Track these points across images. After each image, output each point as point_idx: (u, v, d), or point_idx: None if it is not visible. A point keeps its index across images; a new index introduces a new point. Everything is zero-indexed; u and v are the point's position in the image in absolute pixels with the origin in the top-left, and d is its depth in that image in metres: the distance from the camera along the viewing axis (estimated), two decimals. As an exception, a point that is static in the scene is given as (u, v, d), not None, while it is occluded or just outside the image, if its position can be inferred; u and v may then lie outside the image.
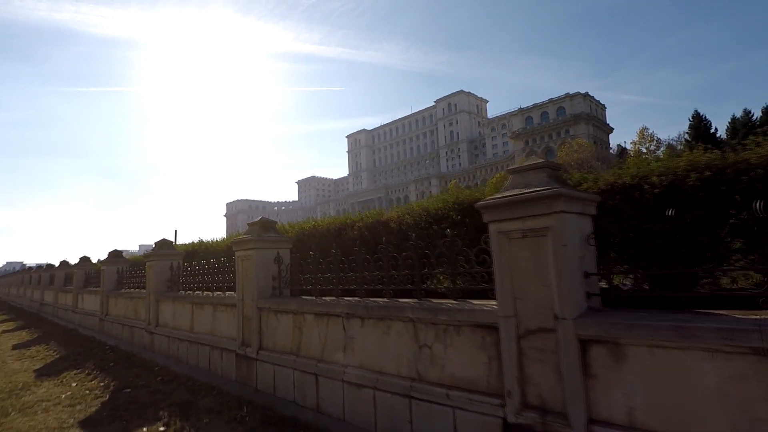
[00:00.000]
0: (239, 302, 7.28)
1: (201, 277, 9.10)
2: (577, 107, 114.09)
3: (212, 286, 8.71)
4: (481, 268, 4.12)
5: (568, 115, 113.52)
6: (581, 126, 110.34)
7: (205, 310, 8.52)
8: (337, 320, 5.46)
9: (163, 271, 10.55)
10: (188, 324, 9.09)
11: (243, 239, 7.10)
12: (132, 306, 12.14)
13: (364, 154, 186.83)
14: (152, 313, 10.54)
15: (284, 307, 6.34)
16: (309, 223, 9.55)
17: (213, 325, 8.24)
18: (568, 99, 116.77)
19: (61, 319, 18.78)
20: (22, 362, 10.01)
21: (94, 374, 8.56)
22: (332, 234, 8.91)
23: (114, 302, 13.57)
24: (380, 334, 4.88)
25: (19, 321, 19.73)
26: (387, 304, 4.79)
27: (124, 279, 13.55)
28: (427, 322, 4.38)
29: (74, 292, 17.65)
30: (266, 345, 6.72)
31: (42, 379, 8.42)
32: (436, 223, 6.97)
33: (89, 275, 17.16)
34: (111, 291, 13.90)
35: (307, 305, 5.92)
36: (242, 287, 7.26)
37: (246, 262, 7.18)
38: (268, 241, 7.11)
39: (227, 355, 7.58)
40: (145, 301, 11.09)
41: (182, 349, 9.10)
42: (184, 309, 9.31)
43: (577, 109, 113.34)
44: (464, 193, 7.17)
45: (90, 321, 15.36)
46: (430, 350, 4.35)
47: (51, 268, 23.24)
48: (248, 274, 7.11)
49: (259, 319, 6.87)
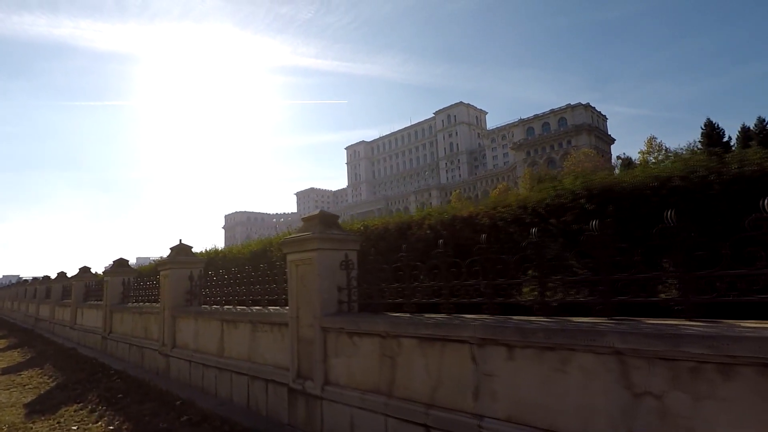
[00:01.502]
0: (293, 320, 5.62)
1: (232, 288, 7.45)
2: (579, 118, 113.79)
3: (247, 299, 7.06)
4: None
5: (570, 126, 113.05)
6: (583, 137, 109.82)
7: (241, 329, 6.84)
8: (460, 348, 3.82)
9: (180, 281, 8.87)
10: (216, 346, 7.39)
11: (300, 238, 5.47)
12: (141, 323, 10.42)
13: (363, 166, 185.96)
14: (167, 332, 8.83)
15: (366, 327, 4.69)
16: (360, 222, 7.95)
17: (252, 348, 6.56)
18: (569, 110, 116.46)
19: (58, 337, 16.94)
20: (11, 393, 8.25)
21: (100, 411, 6.85)
22: (392, 234, 7.33)
23: (119, 318, 11.83)
24: (548, 372, 3.24)
25: (12, 338, 17.88)
26: (565, 327, 3.16)
27: (130, 291, 11.84)
28: (650, 355, 2.76)
29: (73, 306, 15.86)
30: (335, 379, 5.05)
31: (34, 417, 6.69)
32: (551, 215, 5.38)
33: (90, 287, 15.41)
34: (116, 305, 12.16)
35: (405, 326, 4.28)
36: (297, 300, 5.61)
37: (303, 268, 5.54)
38: (334, 240, 5.48)
39: (275, 390, 5.89)
40: (158, 317, 9.38)
41: (209, 377, 7.39)
42: (211, 327, 7.62)
43: (579, 120, 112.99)
44: (599, 175, 5.62)
45: (91, 339, 13.58)
46: (659, 402, 2.72)
47: (47, 281, 21.42)
48: (307, 283, 5.47)
49: (323, 343, 5.21)
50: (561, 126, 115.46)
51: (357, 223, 8.82)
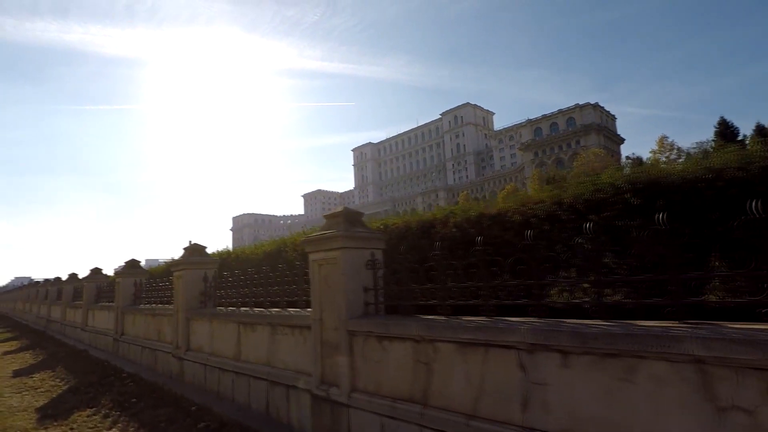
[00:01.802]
0: (316, 323, 5.34)
1: (248, 289, 7.19)
2: (588, 118, 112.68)
3: (265, 300, 6.79)
4: None
5: (579, 126, 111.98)
6: (592, 137, 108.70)
7: (259, 332, 6.57)
8: (506, 354, 3.51)
9: (194, 282, 8.63)
10: (233, 350, 7.13)
11: (324, 236, 5.19)
12: (154, 325, 10.19)
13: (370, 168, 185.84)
14: (181, 334, 8.59)
15: (398, 331, 4.38)
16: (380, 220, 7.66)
17: (271, 352, 6.28)
18: (578, 109, 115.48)
19: (70, 338, 16.82)
20: (23, 396, 8.06)
21: (113, 416, 6.61)
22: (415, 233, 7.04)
23: (131, 320, 11.63)
24: (611, 382, 2.93)
25: (24, 340, 17.81)
26: (632, 331, 2.84)
27: (142, 293, 11.64)
28: (739, 365, 2.43)
29: (84, 307, 15.72)
30: (363, 385, 4.76)
31: (46, 423, 6.47)
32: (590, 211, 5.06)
33: (101, 289, 15.26)
34: (127, 307, 11.97)
35: (442, 329, 3.98)
36: (320, 302, 5.32)
37: (327, 268, 5.26)
38: (360, 239, 5.20)
39: (297, 396, 5.60)
40: (171, 319, 9.15)
41: (225, 382, 7.13)
42: (227, 330, 7.36)
43: (588, 120, 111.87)
44: (657, 168, 5.30)
45: (102, 341, 13.41)
46: (751, 419, 2.39)
47: (59, 282, 21.35)
48: (331, 283, 5.18)
49: (349, 347, 4.92)
50: (569, 126, 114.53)
51: (375, 222, 8.54)
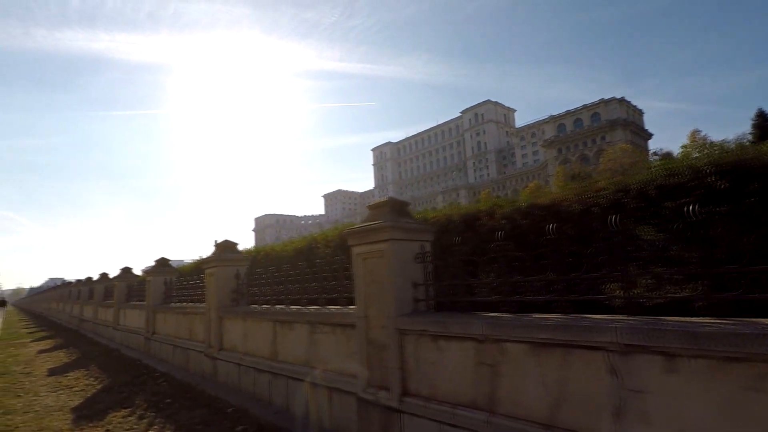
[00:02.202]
0: (361, 321, 4.98)
1: (284, 286, 6.89)
2: (613, 113, 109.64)
3: (302, 298, 6.48)
4: None
5: (604, 121, 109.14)
6: (618, 132, 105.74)
7: (297, 330, 6.26)
8: (591, 357, 3.07)
9: (226, 280, 8.40)
10: (268, 349, 6.84)
11: (369, 227, 4.82)
12: (186, 323, 10.04)
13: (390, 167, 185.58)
14: (214, 333, 8.37)
15: (457, 329, 3.98)
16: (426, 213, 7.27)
17: (311, 352, 5.96)
18: (603, 104, 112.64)
19: (102, 337, 16.98)
20: (58, 395, 7.96)
21: (149, 418, 6.39)
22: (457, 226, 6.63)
23: (162, 318, 11.54)
24: (734, 391, 2.46)
25: (58, 338, 18.08)
26: (763, 331, 2.38)
27: (173, 291, 11.53)
28: None
29: (115, 306, 15.81)
30: (416, 389, 4.37)
31: (82, 424, 6.29)
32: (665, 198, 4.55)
33: (132, 288, 15.30)
34: (158, 305, 11.89)
35: (511, 328, 3.55)
36: (365, 299, 4.96)
37: (373, 262, 4.90)
38: (408, 230, 4.82)
39: (341, 399, 5.26)
40: (203, 317, 8.95)
41: (261, 383, 6.84)
42: (261, 328, 7.08)
43: (613, 115, 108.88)
44: (749, 148, 4.78)
45: (134, 340, 13.40)
46: None
47: (90, 282, 21.67)
48: (377, 278, 4.81)
49: (400, 347, 4.54)
50: (594, 122, 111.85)
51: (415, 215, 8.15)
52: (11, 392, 8.23)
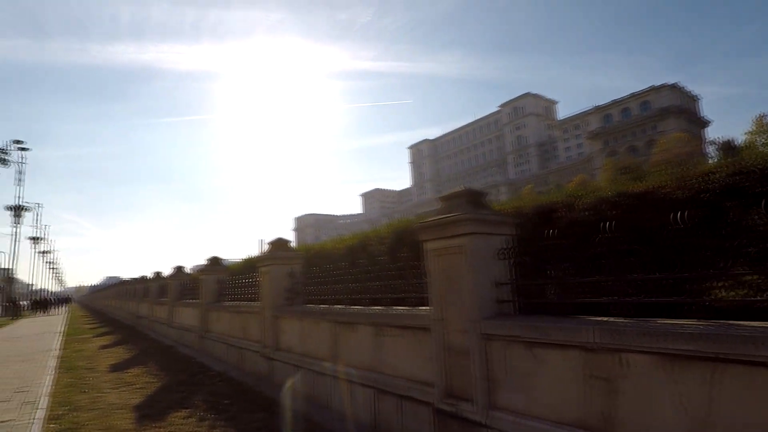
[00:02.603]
0: (437, 324, 4.52)
1: (343, 285, 6.54)
2: (665, 100, 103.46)
3: (363, 297, 6.10)
4: None
5: (655, 110, 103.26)
6: (671, 120, 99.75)
7: (360, 332, 5.88)
8: (752, 375, 2.47)
9: (280, 278, 8.17)
10: (328, 351, 6.51)
11: (445, 220, 4.35)
12: (239, 322, 9.94)
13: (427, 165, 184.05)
14: (269, 333, 8.16)
15: (559, 336, 3.44)
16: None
17: (376, 356, 5.56)
18: (653, 92, 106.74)
19: (157, 334, 17.44)
20: (120, 393, 7.99)
21: (209, 420, 6.20)
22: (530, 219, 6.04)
23: (216, 317, 11.55)
24: None
25: (117, 335, 18.76)
26: None
27: (225, 290, 11.51)
28: None
29: (169, 304, 16.16)
30: (506, 402, 3.87)
31: (144, 423, 6.19)
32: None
33: (184, 286, 15.56)
34: (211, 304, 11.92)
35: (633, 335, 2.98)
36: (441, 299, 4.50)
37: (449, 259, 4.42)
38: (489, 223, 4.32)
39: (413, 409, 4.83)
40: (257, 316, 8.79)
41: (321, 387, 6.53)
42: (320, 329, 6.77)
43: (665, 102, 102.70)
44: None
45: (188, 337, 13.57)
46: None
47: (145, 280, 22.42)
48: (455, 277, 4.33)
49: (485, 354, 4.05)
50: (644, 110, 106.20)
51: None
52: (77, 388, 8.36)
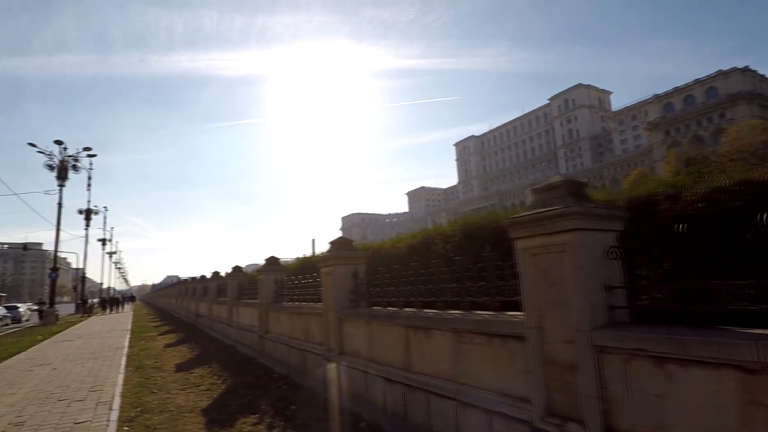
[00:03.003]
0: (533, 332, 3.99)
1: (414, 286, 6.12)
2: (735, 85, 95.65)
3: (437, 301, 5.64)
4: None
5: (723, 96, 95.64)
6: (741, 107, 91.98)
7: (437, 339, 5.43)
8: None
9: (344, 279, 7.88)
10: (400, 358, 6.11)
11: (544, 215, 3.81)
12: (300, 324, 9.78)
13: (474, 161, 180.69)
14: (333, 336, 7.89)
15: (704, 351, 2.83)
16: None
17: (457, 365, 5.09)
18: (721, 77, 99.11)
19: (217, 333, 17.84)
20: (187, 394, 8.00)
21: (279, 428, 5.98)
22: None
23: (275, 317, 11.50)
24: None
25: (179, 333, 19.40)
26: None
27: (284, 290, 11.44)
28: None
29: (228, 304, 16.44)
30: (625, 426, 3.28)
31: (214, 430, 6.05)
32: None
33: (243, 286, 15.77)
34: (270, 304, 11.90)
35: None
36: (538, 304, 3.96)
37: (547, 259, 3.88)
38: (597, 217, 3.74)
39: (506, 426, 4.31)
40: (320, 318, 8.55)
41: (393, 395, 6.14)
42: (390, 334, 6.38)
43: (735, 88, 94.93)
44: None
45: (248, 338, 13.67)
46: None
47: (204, 280, 23.13)
48: (555, 279, 3.78)
49: (597, 368, 3.48)
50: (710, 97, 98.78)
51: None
52: (146, 388, 8.48)
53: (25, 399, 7.82)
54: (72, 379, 9.52)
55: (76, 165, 32.44)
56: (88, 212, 41.99)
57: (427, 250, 8.97)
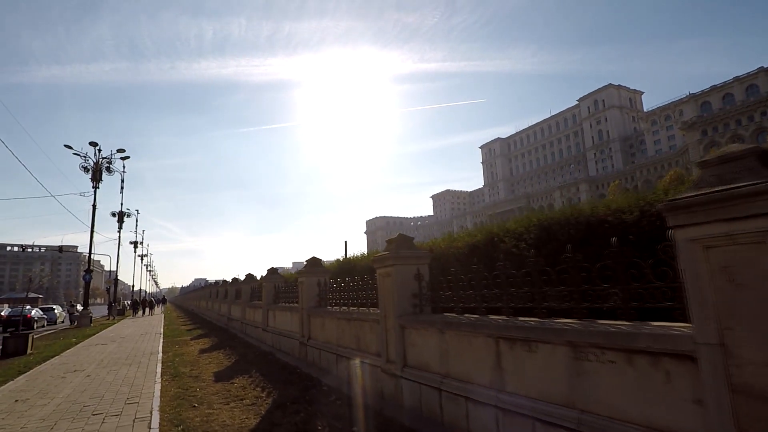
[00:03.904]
0: (710, 350, 2.97)
1: (502, 290, 5.15)
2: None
3: (537, 307, 4.66)
4: None
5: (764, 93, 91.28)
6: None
7: (543, 353, 4.44)
8: None
9: (405, 282, 6.96)
10: (487, 375, 5.13)
11: (728, 194, 2.81)
12: (351, 331, 8.90)
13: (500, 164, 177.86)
14: (394, 347, 6.97)
15: None
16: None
17: (575, 387, 4.08)
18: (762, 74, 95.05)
19: (252, 338, 17.19)
20: (232, 410, 7.19)
21: (344, 454, 5.07)
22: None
23: (320, 323, 10.66)
24: None
25: (212, 337, 18.84)
26: None
27: (327, 293, 10.61)
28: None
29: (264, 307, 15.74)
30: None
31: (269, 455, 5.20)
32: None
33: (278, 289, 15.05)
34: (313, 308, 11.09)
35: None
36: (716, 312, 2.95)
37: (729, 254, 2.86)
38: (822, 194, 2.70)
39: (664, 473, 3.30)
40: (375, 325, 7.66)
41: (480, 419, 5.15)
42: (473, 345, 5.41)
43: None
44: None
45: (287, 344, 12.89)
46: None
47: (237, 282, 22.63)
48: (747, 280, 2.76)
49: (840, 407, 2.44)
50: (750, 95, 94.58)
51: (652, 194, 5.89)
52: (186, 401, 7.74)
53: (58, 412, 7.17)
54: (106, 388, 8.89)
55: (110, 167, 32.72)
56: (120, 215, 42.50)
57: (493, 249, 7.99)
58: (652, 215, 4.93)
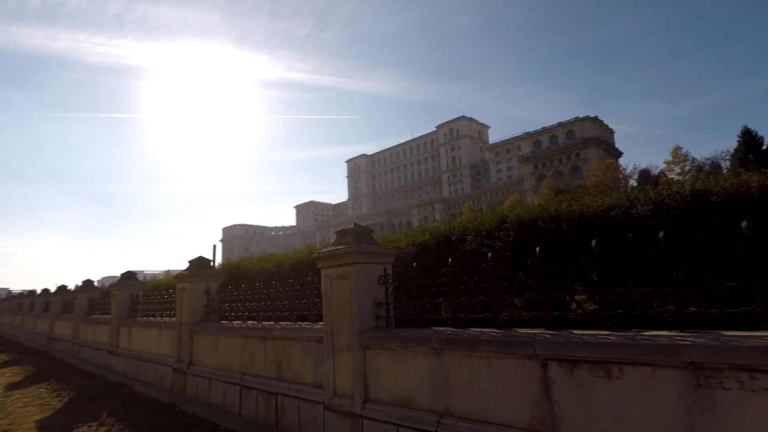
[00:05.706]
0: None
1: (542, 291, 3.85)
2: (587, 130, 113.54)
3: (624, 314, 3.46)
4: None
5: (578, 139, 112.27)
6: (591, 149, 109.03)
7: (630, 379, 3.20)
8: None
9: (367, 286, 5.22)
10: (522, 412, 3.74)
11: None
12: (265, 353, 6.65)
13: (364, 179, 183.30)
14: (347, 374, 5.15)
15: None
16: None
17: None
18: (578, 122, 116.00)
19: (90, 364, 12.93)
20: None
21: None
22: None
23: (209, 343, 8.02)
24: None
25: (27, 365, 13.58)
26: None
27: (222, 304, 8.15)
28: None
29: (113, 323, 11.97)
30: None
31: None
32: None
33: (135, 299, 11.61)
34: (198, 324, 8.41)
35: None
36: None
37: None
38: None
39: None
40: (318, 346, 5.70)
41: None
42: (482, 369, 3.97)
43: (587, 133, 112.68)
44: None
45: (151, 372, 9.70)
46: None
47: (64, 292, 17.42)
48: None
49: None
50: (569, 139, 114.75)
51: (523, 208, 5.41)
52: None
53: None
54: None
55: None
56: None
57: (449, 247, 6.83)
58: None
